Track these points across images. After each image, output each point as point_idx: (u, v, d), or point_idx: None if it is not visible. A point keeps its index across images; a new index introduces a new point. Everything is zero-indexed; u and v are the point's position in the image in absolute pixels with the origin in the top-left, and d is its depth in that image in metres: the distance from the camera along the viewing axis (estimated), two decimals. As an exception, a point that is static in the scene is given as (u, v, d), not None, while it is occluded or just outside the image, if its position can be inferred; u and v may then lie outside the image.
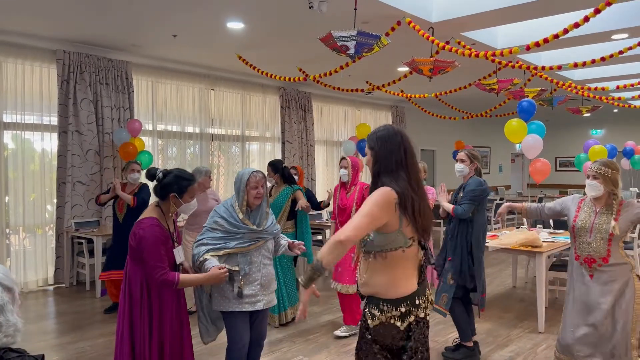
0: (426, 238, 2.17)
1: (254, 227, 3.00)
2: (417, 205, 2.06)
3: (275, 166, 5.09)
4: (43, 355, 1.54)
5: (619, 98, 9.06)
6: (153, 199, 2.97)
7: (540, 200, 11.60)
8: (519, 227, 5.94)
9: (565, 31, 4.02)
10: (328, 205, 5.99)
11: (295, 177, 6.34)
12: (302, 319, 2.18)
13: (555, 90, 8.53)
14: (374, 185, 2.14)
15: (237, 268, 2.94)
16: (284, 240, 3.24)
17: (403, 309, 2.08)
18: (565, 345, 3.25)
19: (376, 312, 2.11)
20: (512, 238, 4.93)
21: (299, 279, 2.11)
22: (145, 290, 2.77)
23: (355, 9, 4.86)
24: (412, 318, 2.09)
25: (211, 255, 2.92)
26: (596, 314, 3.09)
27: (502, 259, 7.86)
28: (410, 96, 9.09)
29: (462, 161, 3.91)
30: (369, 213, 2.02)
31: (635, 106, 11.43)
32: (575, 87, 7.17)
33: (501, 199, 12.26)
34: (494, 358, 4.09)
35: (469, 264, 3.80)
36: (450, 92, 8.27)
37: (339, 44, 4.59)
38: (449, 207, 3.86)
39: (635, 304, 3.02)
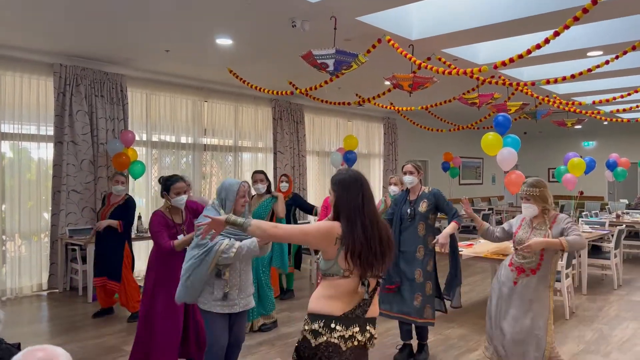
0: (368, 276, 2.26)
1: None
2: (360, 247, 2.21)
3: (266, 175, 5.42)
4: (19, 344, 1.74)
5: (613, 111, 9.31)
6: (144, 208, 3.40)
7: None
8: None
9: (529, 52, 4.26)
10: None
11: (286, 185, 6.59)
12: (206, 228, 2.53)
13: (539, 104, 8.78)
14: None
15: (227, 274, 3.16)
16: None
17: (315, 326, 2.22)
18: (490, 338, 3.56)
19: (303, 324, 2.31)
20: (485, 247, 5.15)
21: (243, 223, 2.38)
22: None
23: (335, 29, 5.11)
24: (323, 339, 2.20)
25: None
26: (508, 318, 3.38)
27: (485, 268, 8.06)
28: (400, 109, 9.34)
29: (411, 173, 4.15)
30: (306, 231, 2.33)
31: (622, 119, 11.68)
32: (555, 101, 7.41)
33: (489, 208, 12.46)
34: (462, 361, 4.30)
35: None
36: (439, 104, 8.52)
37: (318, 61, 4.84)
38: (451, 228, 4.04)
39: (549, 316, 3.30)
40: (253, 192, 5.31)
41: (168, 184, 3.71)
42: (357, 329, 2.23)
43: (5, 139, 6.55)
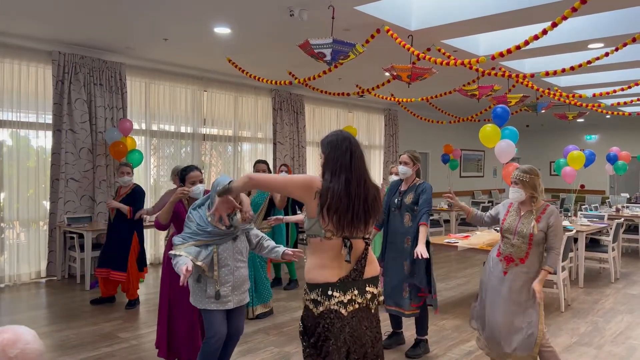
0: (346, 235, 2.24)
1: (223, 227, 3.19)
2: (339, 203, 2.19)
3: (269, 166, 5.49)
4: None
5: (615, 104, 9.27)
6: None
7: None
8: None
9: (527, 42, 4.23)
10: None
11: (285, 175, 6.60)
12: (215, 215, 2.64)
13: (541, 96, 8.74)
14: None
15: (201, 264, 3.09)
16: (269, 242, 3.29)
17: (313, 296, 2.25)
18: (481, 329, 3.56)
19: (303, 294, 2.34)
20: (480, 239, 5.15)
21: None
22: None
23: (333, 18, 5.08)
24: (322, 308, 2.23)
25: (184, 249, 3.12)
26: (499, 308, 3.37)
27: (483, 260, 8.04)
28: (400, 100, 9.31)
29: (406, 164, 4.06)
30: (287, 178, 2.35)
31: (623, 113, 11.62)
32: (556, 93, 7.37)
33: (490, 201, 12.45)
34: (454, 352, 4.31)
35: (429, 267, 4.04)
36: (440, 96, 8.49)
37: (315, 51, 4.82)
38: (424, 236, 3.91)
39: (539, 307, 3.30)
40: None
41: (183, 174, 3.65)
42: (356, 292, 2.26)
43: (5, 127, 6.56)
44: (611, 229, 7.01)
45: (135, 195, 5.59)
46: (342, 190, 2.21)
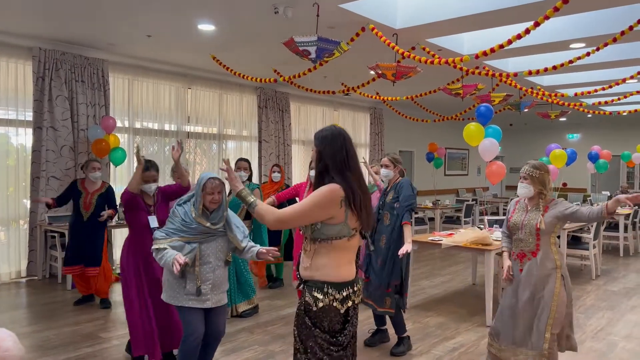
0: (367, 229, 2.37)
1: (208, 224, 3.17)
2: (359, 200, 2.25)
3: (250, 165, 5.44)
4: None
5: (596, 104, 9.41)
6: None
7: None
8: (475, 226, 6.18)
9: (509, 42, 4.26)
10: None
11: (278, 176, 6.55)
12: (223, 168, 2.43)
13: (524, 95, 8.82)
14: (320, 181, 2.30)
15: (187, 260, 3.08)
16: (255, 247, 3.26)
17: (345, 293, 2.27)
18: (496, 332, 3.50)
19: (319, 296, 2.26)
20: (464, 236, 5.18)
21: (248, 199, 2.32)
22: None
23: (318, 16, 5.07)
24: (350, 303, 2.28)
25: (167, 244, 3.10)
26: (518, 305, 3.34)
27: (467, 257, 8.13)
28: (385, 98, 9.33)
29: (387, 166, 4.18)
30: (311, 206, 2.22)
31: (604, 112, 11.79)
32: (539, 92, 7.45)
33: (474, 199, 12.55)
34: (438, 349, 4.33)
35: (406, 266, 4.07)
36: (424, 94, 8.52)
37: (300, 48, 4.80)
38: (409, 235, 3.97)
39: (553, 301, 3.26)
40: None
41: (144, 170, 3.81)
42: (361, 282, 2.41)
43: (-17, 124, 6.43)
44: (592, 226, 7.11)
45: (112, 196, 5.54)
46: (356, 186, 2.27)
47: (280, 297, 5.97)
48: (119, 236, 7.41)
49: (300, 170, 10.99)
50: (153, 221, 3.79)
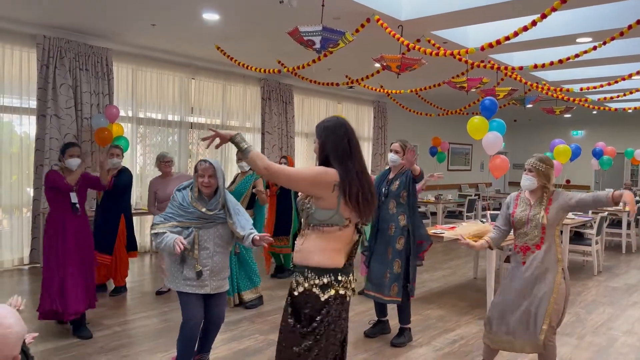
0: (365, 222, 2.36)
1: (204, 209, 3.18)
2: (358, 192, 2.23)
3: None
4: None
5: (601, 99, 9.34)
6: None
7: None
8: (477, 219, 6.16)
9: (516, 34, 4.23)
10: None
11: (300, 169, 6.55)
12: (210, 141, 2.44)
13: (529, 90, 8.78)
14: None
15: (187, 245, 3.10)
16: (252, 234, 3.22)
17: (325, 280, 2.24)
18: (490, 322, 3.49)
19: (300, 280, 2.28)
20: (466, 229, 5.17)
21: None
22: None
23: (323, 5, 5.04)
24: (332, 292, 2.24)
25: (167, 228, 3.12)
26: (518, 297, 3.34)
27: (468, 252, 8.12)
28: (389, 91, 9.30)
29: (397, 152, 4.10)
30: (302, 173, 2.24)
31: (609, 108, 11.73)
32: (543, 88, 7.41)
33: (476, 194, 12.52)
34: (439, 341, 4.34)
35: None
36: (429, 88, 8.49)
37: (305, 38, 4.78)
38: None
39: (553, 293, 3.25)
40: (238, 170, 5.41)
41: (63, 148, 4.26)
42: (351, 277, 2.36)
43: (-13, 111, 6.44)
44: (595, 222, 7.10)
45: (123, 174, 5.41)
46: (355, 178, 2.24)
47: (284, 287, 5.97)
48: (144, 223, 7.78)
49: (303, 162, 10.98)
50: (74, 197, 4.19)
